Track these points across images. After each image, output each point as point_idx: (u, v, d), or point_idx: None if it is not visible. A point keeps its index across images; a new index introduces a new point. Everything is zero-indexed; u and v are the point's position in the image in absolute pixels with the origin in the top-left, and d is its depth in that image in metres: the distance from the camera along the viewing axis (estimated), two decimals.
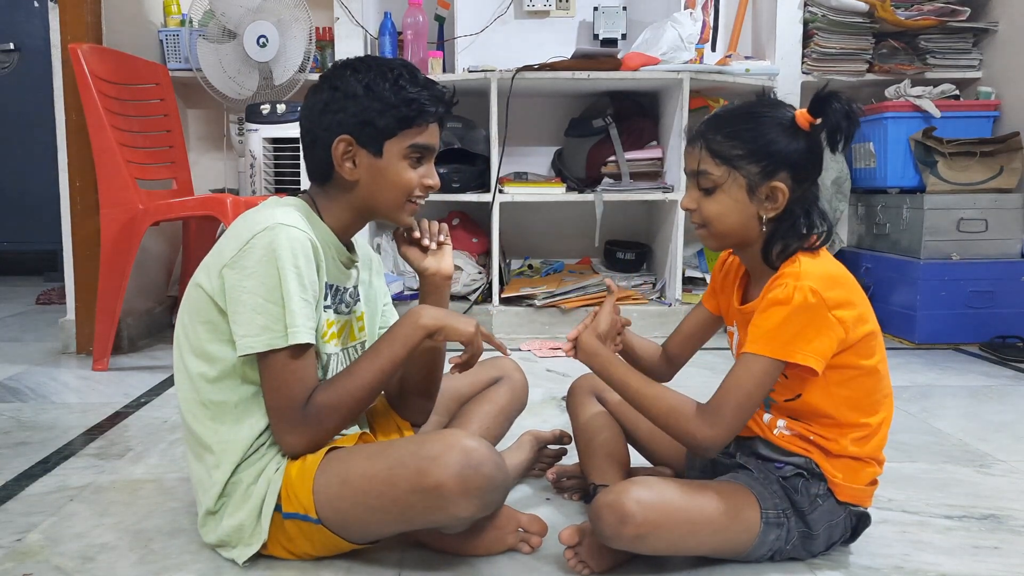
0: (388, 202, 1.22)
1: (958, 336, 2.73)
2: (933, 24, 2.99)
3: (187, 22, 3.05)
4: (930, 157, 2.80)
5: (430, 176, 1.23)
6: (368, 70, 1.18)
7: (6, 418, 1.93)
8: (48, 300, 3.63)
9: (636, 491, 1.08)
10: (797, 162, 1.12)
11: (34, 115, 3.92)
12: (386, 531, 1.15)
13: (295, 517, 1.13)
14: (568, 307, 2.81)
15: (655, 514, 1.07)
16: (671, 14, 2.90)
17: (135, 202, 2.37)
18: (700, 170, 1.15)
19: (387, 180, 1.19)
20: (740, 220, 1.14)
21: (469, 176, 2.92)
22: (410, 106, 1.17)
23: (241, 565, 1.17)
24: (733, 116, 1.15)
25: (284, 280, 1.09)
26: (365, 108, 1.16)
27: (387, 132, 1.17)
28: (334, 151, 1.18)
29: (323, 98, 1.19)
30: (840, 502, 1.17)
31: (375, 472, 1.10)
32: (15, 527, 1.32)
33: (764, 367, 1.09)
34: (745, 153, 1.12)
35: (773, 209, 1.13)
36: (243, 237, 1.12)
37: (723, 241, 1.19)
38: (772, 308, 1.09)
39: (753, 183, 1.12)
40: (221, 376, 1.15)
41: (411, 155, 1.20)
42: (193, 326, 1.17)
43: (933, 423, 1.91)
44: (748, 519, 1.13)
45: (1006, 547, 1.27)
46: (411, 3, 2.93)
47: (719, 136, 1.13)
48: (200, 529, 1.22)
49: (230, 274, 1.12)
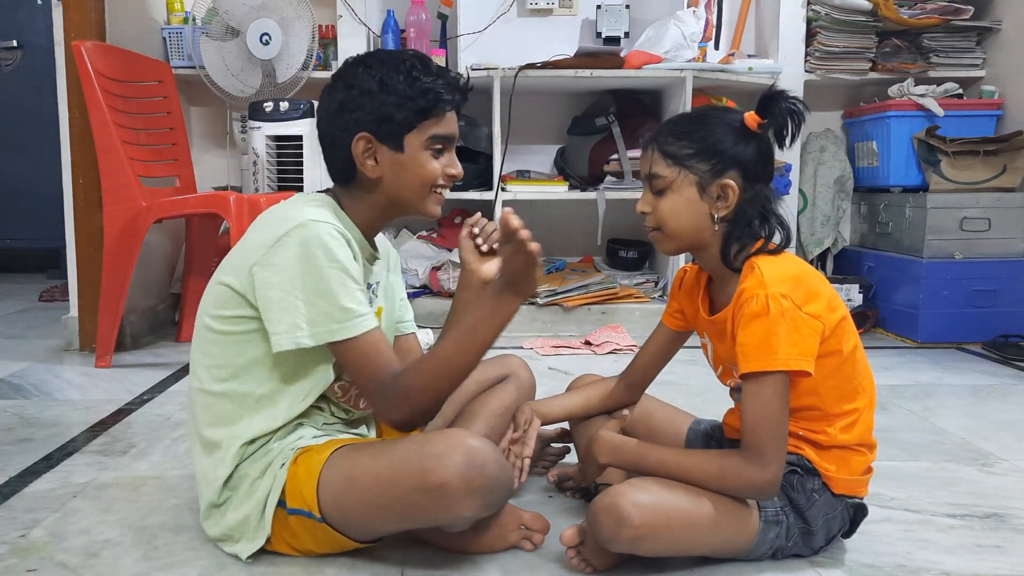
0: (413, 195, 1.21)
1: (961, 335, 2.73)
2: (936, 23, 2.98)
3: (190, 20, 3.05)
4: (933, 156, 2.80)
5: (453, 165, 1.23)
6: (380, 65, 1.17)
7: (9, 415, 1.94)
8: (51, 297, 3.63)
9: (633, 494, 1.08)
10: (747, 161, 1.14)
11: (37, 113, 3.92)
12: (389, 529, 1.16)
13: (299, 513, 1.13)
14: (570, 305, 2.81)
15: (652, 516, 1.07)
16: (674, 12, 2.91)
17: (138, 199, 2.37)
18: (652, 172, 1.17)
19: (410, 174, 1.19)
20: (693, 219, 1.16)
21: (472, 174, 2.92)
22: (426, 96, 1.16)
23: (245, 560, 1.17)
24: (683, 119, 1.19)
25: (327, 273, 1.09)
26: (381, 103, 1.15)
27: (406, 125, 1.17)
28: (354, 150, 1.17)
29: (338, 98, 1.18)
30: (836, 495, 1.16)
31: (379, 470, 1.10)
32: (19, 523, 1.33)
33: (772, 386, 1.08)
34: (695, 152, 1.14)
35: (724, 208, 1.14)
36: (275, 233, 1.12)
37: (678, 243, 1.19)
38: (752, 324, 1.08)
39: (704, 181, 1.14)
40: (248, 367, 1.15)
41: (432, 146, 1.19)
42: (219, 322, 1.16)
43: (936, 422, 1.91)
44: (746, 518, 1.13)
45: (1008, 546, 1.27)
46: (414, 1, 2.93)
47: (670, 137, 1.16)
48: (203, 522, 1.22)
49: (261, 272, 1.11)
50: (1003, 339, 2.64)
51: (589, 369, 1.70)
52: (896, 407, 2.02)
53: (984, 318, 2.71)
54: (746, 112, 1.15)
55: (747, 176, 1.14)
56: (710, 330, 1.24)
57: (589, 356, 2.56)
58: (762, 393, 1.08)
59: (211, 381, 1.18)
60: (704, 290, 1.26)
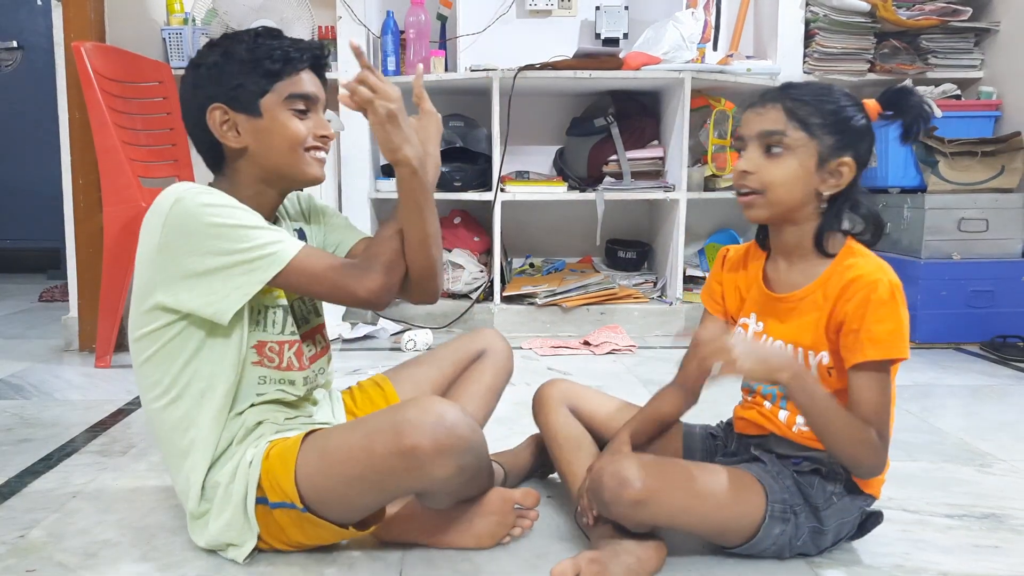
0: (285, 160, 1.19)
1: (959, 335, 2.73)
2: (935, 24, 2.99)
3: (190, 21, 3.06)
4: (931, 157, 2.80)
5: (320, 127, 1.21)
6: (225, 39, 1.19)
7: (9, 415, 1.94)
8: (51, 297, 3.64)
9: (639, 457, 1.09)
10: (864, 147, 1.12)
11: (37, 113, 3.92)
12: (367, 502, 1.15)
13: (283, 507, 1.13)
14: (569, 306, 2.82)
15: (655, 481, 1.06)
16: (673, 13, 2.91)
17: (138, 200, 2.38)
18: (775, 130, 1.10)
19: (275, 137, 1.18)
20: (801, 191, 1.11)
21: (471, 175, 2.92)
22: (272, 58, 1.16)
23: (243, 562, 1.17)
24: (813, 87, 1.13)
25: (222, 228, 1.09)
26: (228, 73, 1.16)
27: (257, 90, 1.16)
28: (211, 124, 1.17)
29: (189, 80, 1.19)
30: (855, 500, 1.16)
31: (353, 442, 1.11)
32: (18, 524, 1.33)
33: (894, 373, 1.08)
34: (824, 123, 1.10)
35: (835, 187, 1.11)
36: (157, 222, 1.12)
37: (775, 210, 1.13)
38: (881, 310, 1.06)
39: (825, 154, 1.10)
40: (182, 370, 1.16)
41: (292, 107, 1.18)
42: (143, 322, 1.16)
43: (934, 422, 1.91)
44: (752, 502, 1.12)
45: (1006, 546, 1.27)
46: (413, 2, 2.93)
47: (801, 101, 1.11)
48: (191, 535, 1.22)
49: (164, 260, 1.12)
50: (1001, 339, 2.64)
51: (588, 370, 1.69)
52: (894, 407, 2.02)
53: (982, 318, 2.71)
54: (865, 99, 1.12)
55: (859, 161, 1.12)
56: (766, 308, 1.19)
57: (588, 357, 2.56)
58: (883, 381, 1.08)
59: (157, 397, 1.18)
60: (761, 266, 1.23)
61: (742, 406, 1.28)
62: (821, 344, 1.13)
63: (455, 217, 3.11)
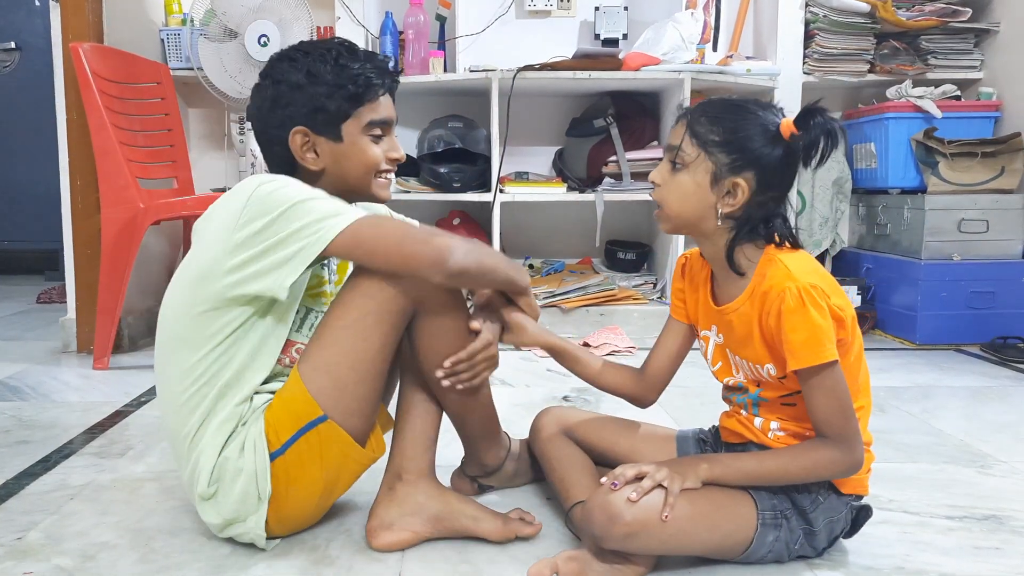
0: (358, 183, 1.22)
1: (959, 337, 2.73)
2: (934, 24, 2.99)
3: (188, 21, 3.05)
4: (931, 158, 2.80)
5: (394, 149, 1.24)
6: (306, 56, 1.18)
7: (7, 416, 1.93)
8: (49, 299, 3.63)
9: (626, 490, 1.08)
10: (767, 166, 1.11)
11: (35, 114, 3.92)
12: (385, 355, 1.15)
13: (299, 436, 1.12)
14: (568, 307, 2.81)
15: (645, 512, 1.06)
16: (672, 14, 2.90)
17: (136, 201, 2.37)
18: (674, 145, 1.14)
19: (352, 162, 1.20)
20: (696, 207, 1.13)
21: (470, 176, 2.92)
22: (356, 83, 1.16)
23: (264, 546, 1.17)
24: (722, 104, 1.15)
25: (300, 198, 1.08)
26: (312, 95, 1.16)
27: (341, 115, 1.17)
28: (292, 146, 1.18)
29: (268, 95, 1.19)
30: (841, 497, 1.16)
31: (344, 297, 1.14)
32: (15, 525, 1.32)
33: (831, 375, 1.08)
34: (720, 141, 1.11)
35: (730, 206, 1.12)
36: (239, 201, 1.09)
37: (675, 223, 1.17)
38: (793, 318, 1.07)
39: (719, 172, 1.11)
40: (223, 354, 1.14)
41: (371, 132, 1.20)
42: (194, 307, 1.13)
43: (934, 424, 1.91)
44: (742, 514, 1.12)
45: (1007, 548, 1.27)
46: (412, 3, 2.93)
47: (703, 118, 1.13)
48: (202, 517, 1.20)
49: (244, 233, 1.08)
50: (1001, 341, 2.64)
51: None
52: (894, 409, 2.02)
53: (982, 320, 2.71)
54: (784, 118, 1.12)
55: (762, 181, 1.11)
56: (716, 320, 1.22)
57: None
58: (824, 384, 1.08)
59: (183, 383, 1.15)
60: (707, 278, 1.24)
61: (725, 414, 1.30)
62: (764, 356, 1.14)
63: (454, 218, 3.10)
